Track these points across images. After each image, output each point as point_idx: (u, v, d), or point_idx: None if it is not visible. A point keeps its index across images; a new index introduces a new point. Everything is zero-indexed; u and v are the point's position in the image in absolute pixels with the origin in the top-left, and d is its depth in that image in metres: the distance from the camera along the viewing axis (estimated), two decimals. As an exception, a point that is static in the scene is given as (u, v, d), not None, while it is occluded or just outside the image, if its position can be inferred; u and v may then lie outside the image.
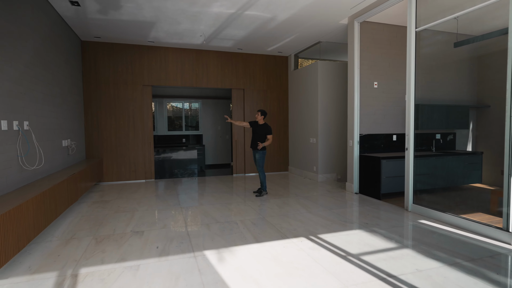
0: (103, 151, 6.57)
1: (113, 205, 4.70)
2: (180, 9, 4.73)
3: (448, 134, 5.91)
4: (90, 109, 6.43)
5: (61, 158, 4.80)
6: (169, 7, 4.63)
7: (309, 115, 6.94)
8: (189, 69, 7.08)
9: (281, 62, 7.85)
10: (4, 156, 3.04)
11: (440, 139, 5.82)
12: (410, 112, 4.24)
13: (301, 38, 6.36)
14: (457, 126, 5.96)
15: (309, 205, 4.63)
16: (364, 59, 5.33)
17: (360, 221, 3.84)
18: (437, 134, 5.88)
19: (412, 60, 4.17)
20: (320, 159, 6.59)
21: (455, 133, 5.93)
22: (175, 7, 4.65)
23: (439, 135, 5.86)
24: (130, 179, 6.80)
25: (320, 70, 6.46)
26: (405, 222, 3.80)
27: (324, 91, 6.52)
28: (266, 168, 7.81)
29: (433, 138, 5.83)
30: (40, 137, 3.95)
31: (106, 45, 6.46)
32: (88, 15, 4.95)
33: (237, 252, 2.90)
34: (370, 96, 5.42)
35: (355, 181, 5.40)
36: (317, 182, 6.54)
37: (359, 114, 5.34)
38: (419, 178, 4.32)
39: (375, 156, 5.03)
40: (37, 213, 2.96)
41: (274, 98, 7.85)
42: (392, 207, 4.48)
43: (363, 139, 5.40)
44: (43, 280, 2.39)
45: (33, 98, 3.78)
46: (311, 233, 3.39)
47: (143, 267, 2.60)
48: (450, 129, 5.97)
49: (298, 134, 7.49)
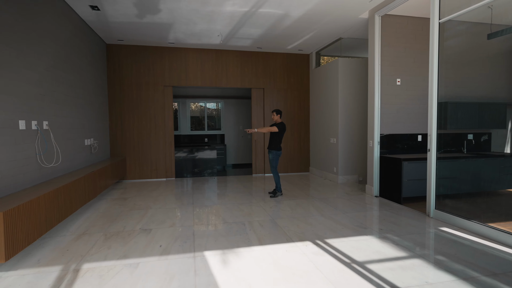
0: (126, 150, 6.83)
1: (130, 202, 4.85)
2: (193, 9, 4.76)
3: (483, 134, 5.40)
4: (114, 109, 6.71)
5: (83, 157, 5.04)
6: (183, 7, 4.69)
7: (329, 114, 6.71)
8: (209, 69, 7.14)
9: (302, 60, 7.67)
10: (21, 154, 3.23)
11: (473, 140, 5.35)
12: (432, 110, 3.93)
13: (320, 35, 6.15)
14: (493, 126, 5.43)
15: (323, 207, 4.45)
16: (386, 54, 5.03)
17: (374, 226, 3.61)
18: (469, 134, 5.41)
19: (434, 55, 3.86)
20: (340, 160, 6.34)
21: (491, 133, 5.41)
22: (188, 7, 4.69)
23: (471, 136, 5.38)
24: (151, 177, 7.00)
25: (340, 68, 6.21)
26: (424, 229, 3.51)
27: (345, 89, 6.26)
28: (286, 168, 7.68)
29: (464, 139, 5.37)
30: (60, 136, 4.17)
31: (129, 48, 6.70)
32: (108, 19, 5.15)
33: (237, 254, 2.84)
34: (392, 94, 5.11)
35: (375, 183, 5.12)
36: (337, 183, 6.30)
37: (379, 113, 5.05)
38: (443, 182, 3.99)
39: (396, 158, 4.73)
40: (49, 209, 3.11)
41: (295, 97, 7.69)
42: (413, 212, 4.17)
43: (384, 139, 5.10)
44: (47, 274, 2.50)
45: (53, 99, 3.99)
46: (318, 237, 3.25)
47: (142, 265, 2.63)
48: (485, 129, 5.45)
49: (319, 134, 7.27)
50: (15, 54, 3.16)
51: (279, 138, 5.11)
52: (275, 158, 5.12)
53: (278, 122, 5.16)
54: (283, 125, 5.11)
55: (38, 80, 3.62)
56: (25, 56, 3.35)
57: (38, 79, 3.63)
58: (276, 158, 5.13)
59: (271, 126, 5.06)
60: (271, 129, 5.03)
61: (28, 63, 3.40)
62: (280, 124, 5.09)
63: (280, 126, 5.08)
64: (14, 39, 3.15)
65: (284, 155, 7.63)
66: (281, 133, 5.10)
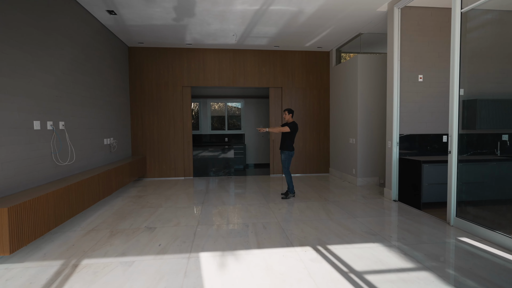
0: (146, 149, 7.05)
1: (144, 200, 4.98)
2: (204, 9, 4.77)
3: (520, 135, 4.88)
4: (136, 109, 6.94)
5: (102, 155, 5.26)
6: (193, 8, 4.71)
7: (348, 113, 6.43)
8: (226, 69, 7.15)
9: (322, 57, 7.44)
10: (36, 153, 3.42)
11: (508, 141, 4.84)
12: (453, 108, 3.60)
13: (339, 31, 5.91)
14: (532, 125, 4.89)
15: (334, 211, 4.26)
16: (407, 49, 4.71)
17: (384, 233, 3.38)
18: (503, 134, 4.90)
19: (456, 48, 3.53)
20: (360, 162, 6.05)
21: (530, 133, 4.87)
22: (199, 8, 4.71)
23: (506, 136, 4.88)
24: (170, 176, 7.16)
25: (360, 64, 5.93)
26: (441, 238, 3.22)
27: (364, 87, 5.97)
28: (304, 169, 7.50)
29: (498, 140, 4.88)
30: (78, 135, 4.38)
31: (149, 50, 6.90)
32: (126, 23, 5.33)
33: (231, 257, 2.79)
34: (413, 91, 4.77)
35: (394, 187, 4.82)
36: (355, 186, 6.03)
37: (398, 111, 4.74)
38: (467, 187, 3.64)
39: (415, 160, 4.41)
40: (59, 205, 3.26)
41: (314, 96, 7.48)
42: (432, 219, 3.86)
43: (405, 140, 4.78)
44: (48, 267, 2.61)
45: (70, 101, 4.19)
46: (320, 243, 3.10)
47: (136, 264, 2.66)
48: (523, 129, 4.93)
49: (338, 134, 7.01)
50: (30, 58, 3.35)
51: (291, 138, 4.98)
52: (287, 158, 5.00)
53: (290, 122, 5.03)
54: (295, 124, 4.97)
55: (54, 83, 3.82)
56: (41, 60, 3.54)
57: (55, 81, 3.83)
58: (288, 159, 5.01)
59: (283, 126, 4.94)
60: (282, 129, 4.91)
61: (43, 66, 3.59)
62: (292, 124, 4.96)
63: (292, 125, 4.95)
64: (30, 44, 3.34)
65: (302, 155, 7.45)
66: (293, 133, 4.97)
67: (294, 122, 5.02)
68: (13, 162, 3.07)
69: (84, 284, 2.33)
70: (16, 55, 3.13)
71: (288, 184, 5.05)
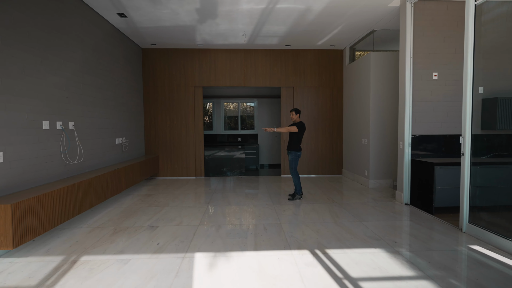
0: (159, 148, 7.18)
1: (152, 199, 5.07)
2: (211, 10, 4.78)
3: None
4: (149, 110, 7.09)
5: (114, 154, 5.41)
6: (200, 8, 4.74)
7: (361, 113, 6.24)
8: (237, 69, 7.15)
9: (335, 56, 7.26)
10: (44, 152, 3.55)
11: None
12: (466, 107, 3.39)
13: (350, 29, 5.75)
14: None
15: (341, 214, 4.14)
16: (420, 46, 4.50)
17: (389, 238, 3.23)
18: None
19: (470, 42, 3.31)
20: (372, 163, 5.85)
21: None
22: (208, 8, 4.73)
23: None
24: (182, 175, 7.26)
25: (372, 62, 5.73)
26: (450, 245, 3.03)
27: (377, 86, 5.76)
28: (317, 170, 7.36)
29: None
30: (89, 135, 4.52)
31: (162, 51, 7.02)
32: (137, 25, 5.45)
33: (225, 258, 2.76)
34: (427, 90, 4.55)
35: (405, 190, 4.61)
36: (367, 188, 5.83)
37: (411, 111, 4.53)
38: (482, 191, 3.42)
39: (427, 162, 4.20)
40: (65, 202, 3.37)
41: (327, 95, 7.32)
42: (443, 225, 3.65)
43: (418, 140, 4.56)
44: (48, 263, 2.70)
45: (80, 102, 4.33)
46: (319, 246, 3.01)
47: (132, 262, 2.70)
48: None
49: (351, 134, 6.82)
50: (40, 61, 3.49)
51: (298, 138, 4.90)
52: (294, 159, 4.92)
53: (297, 122, 4.95)
54: (302, 124, 4.88)
55: (64, 84, 3.96)
56: (51, 63, 3.68)
57: (65, 83, 3.97)
58: (295, 159, 4.92)
59: (290, 126, 4.86)
60: (290, 128, 4.83)
61: (53, 69, 3.73)
62: (299, 124, 4.87)
63: (299, 125, 4.86)
64: (39, 48, 3.48)
65: (314, 156, 7.32)
66: (300, 133, 4.88)
67: (302, 122, 4.93)
68: (22, 160, 3.21)
69: (78, 280, 2.38)
70: (26, 58, 3.27)
71: (296, 185, 4.96)
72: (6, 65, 3.02)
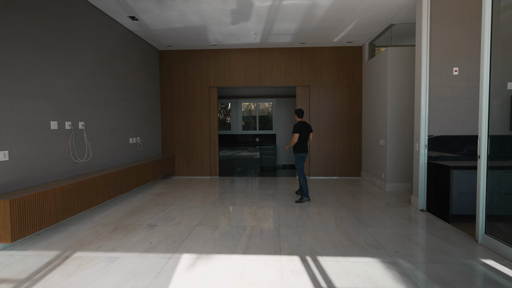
0: (175, 148, 7.32)
1: (161, 198, 5.16)
2: (217, 9, 4.76)
3: None
4: (166, 110, 7.26)
5: (127, 153, 5.58)
6: (206, 8, 4.74)
7: (379, 112, 5.90)
8: (252, 69, 7.09)
9: (353, 53, 6.95)
10: (52, 151, 3.73)
11: None
12: (482, 105, 3.05)
13: (366, 23, 5.45)
14: None
15: (346, 218, 3.92)
16: (439, 39, 4.14)
17: (391, 247, 2.99)
18: None
19: (486, 33, 2.97)
20: (389, 165, 5.50)
21: None
22: (211, 8, 4.72)
23: None
24: (197, 174, 7.34)
25: (390, 58, 5.39)
26: (459, 258, 2.74)
27: (395, 83, 5.41)
28: (334, 172, 7.09)
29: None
30: (101, 135, 4.69)
31: (178, 52, 7.15)
32: (150, 27, 5.58)
33: (211, 261, 2.71)
34: (446, 87, 4.18)
35: (421, 195, 4.27)
36: (384, 192, 5.50)
37: (427, 110, 4.19)
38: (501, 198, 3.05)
39: (443, 165, 3.85)
40: (68, 199, 3.52)
41: (345, 94, 7.02)
42: (458, 234, 3.32)
43: (435, 142, 4.21)
44: (43, 257, 2.81)
45: (91, 103, 4.51)
46: (312, 253, 2.85)
47: (119, 260, 2.73)
48: None
49: (369, 135, 6.48)
50: (48, 64, 3.67)
51: (299, 139, 4.81)
52: (298, 160, 4.79)
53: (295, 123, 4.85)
54: (299, 124, 4.83)
55: (74, 86, 4.14)
56: (60, 66, 3.86)
57: (75, 85, 4.15)
58: (299, 161, 4.79)
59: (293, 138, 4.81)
60: (292, 141, 4.83)
61: (62, 71, 3.91)
62: (296, 125, 4.81)
63: (295, 126, 4.81)
64: (48, 52, 3.66)
65: (331, 157, 7.06)
66: (300, 134, 4.78)
67: (300, 122, 4.85)
68: (28, 158, 3.39)
69: (63, 276, 2.45)
70: (33, 61, 3.45)
71: (302, 187, 4.80)
72: (13, 68, 3.20)
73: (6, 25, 3.12)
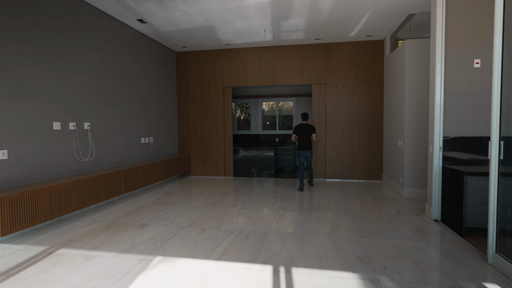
0: (191, 148, 7.42)
1: (167, 197, 5.22)
2: (219, 7, 4.69)
3: None
4: (182, 111, 7.38)
5: (139, 153, 5.75)
6: (207, 7, 4.69)
7: (396, 110, 5.42)
8: (266, 67, 6.93)
9: (374, 47, 6.47)
10: (54, 150, 3.93)
11: None
12: (493, 103, 2.60)
13: (383, 15, 5.02)
14: None
15: (344, 226, 3.62)
16: (458, 26, 3.66)
17: (380, 261, 2.68)
18: None
19: (499, 23, 2.53)
20: (406, 169, 5.02)
21: None
22: (213, 6, 4.66)
23: None
24: (212, 174, 7.36)
25: (408, 52, 4.90)
26: (457, 279, 2.35)
27: (413, 79, 4.91)
28: (352, 174, 6.68)
29: None
30: (108, 135, 4.87)
31: (193, 53, 7.22)
32: (159, 29, 5.68)
33: (180, 266, 2.63)
34: (465, 81, 3.68)
35: (434, 203, 3.81)
36: (401, 198, 5.03)
37: (442, 108, 3.72)
38: (519, 212, 2.58)
39: (456, 170, 3.38)
40: (65, 197, 3.68)
41: (364, 91, 6.57)
42: (468, 251, 2.88)
43: (452, 144, 3.73)
44: (30, 252, 2.95)
45: (98, 104, 4.69)
46: (288, 263, 2.65)
47: (94, 260, 2.77)
48: None
49: (389, 135, 5.99)
50: (51, 68, 3.87)
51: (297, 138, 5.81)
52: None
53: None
54: (295, 128, 5.83)
55: (79, 88, 4.33)
56: (63, 69, 4.05)
57: (80, 87, 4.34)
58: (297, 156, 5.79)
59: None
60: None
61: (66, 74, 4.11)
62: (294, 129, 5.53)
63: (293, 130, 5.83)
64: (51, 56, 3.86)
65: (349, 159, 6.66)
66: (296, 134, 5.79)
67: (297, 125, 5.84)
68: (29, 157, 3.59)
69: (36, 272, 2.53)
70: (35, 66, 3.66)
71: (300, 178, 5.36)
72: (14, 73, 3.41)
73: (6, 31, 3.33)
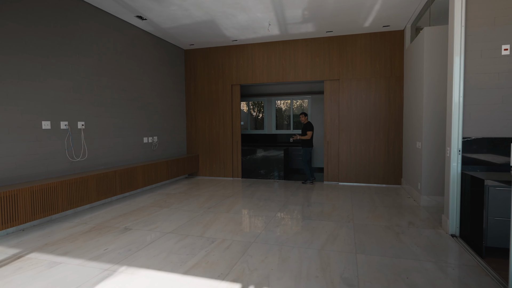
0: (199, 148, 7.24)
1: (165, 199, 5.04)
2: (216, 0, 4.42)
3: None
4: (190, 110, 7.23)
5: (141, 153, 5.64)
6: (203, 0, 4.43)
7: (415, 107, 4.83)
8: (275, 64, 6.57)
9: (392, 38, 5.87)
10: (44, 150, 3.87)
11: None
12: None
13: (397, 1, 4.47)
14: None
15: (341, 239, 3.19)
16: (479, 8, 3.09)
17: (371, 286, 2.24)
18: None
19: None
20: (425, 173, 4.43)
21: None
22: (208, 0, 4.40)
23: None
24: (219, 175, 7.13)
25: (427, 41, 4.32)
26: (463, 317, 1.88)
27: (432, 72, 4.32)
28: (368, 178, 6.13)
29: None
30: (105, 135, 4.79)
31: (201, 51, 7.03)
32: (161, 26, 5.53)
33: (140, 280, 2.38)
34: (491, 72, 3.10)
35: (452, 215, 3.26)
36: (418, 206, 4.46)
37: (461, 103, 3.17)
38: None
39: (477, 177, 2.83)
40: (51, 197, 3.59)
41: (382, 87, 5.99)
42: (487, 278, 2.35)
43: (474, 146, 3.16)
44: (2, 254, 2.86)
45: (95, 103, 4.61)
46: (261, 283, 2.30)
47: (57, 267, 2.60)
48: None
49: (408, 136, 5.39)
50: (40, 66, 3.81)
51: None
52: None
53: None
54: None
55: (72, 87, 4.26)
56: (54, 68, 3.99)
57: (73, 86, 4.27)
58: None
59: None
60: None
61: (57, 73, 4.04)
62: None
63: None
64: (40, 54, 3.80)
65: (364, 161, 6.12)
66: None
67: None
68: (15, 157, 3.55)
69: (-7, 279, 2.41)
70: (22, 64, 3.60)
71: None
72: (-2, 71, 3.37)
73: (-11, 30, 3.29)
